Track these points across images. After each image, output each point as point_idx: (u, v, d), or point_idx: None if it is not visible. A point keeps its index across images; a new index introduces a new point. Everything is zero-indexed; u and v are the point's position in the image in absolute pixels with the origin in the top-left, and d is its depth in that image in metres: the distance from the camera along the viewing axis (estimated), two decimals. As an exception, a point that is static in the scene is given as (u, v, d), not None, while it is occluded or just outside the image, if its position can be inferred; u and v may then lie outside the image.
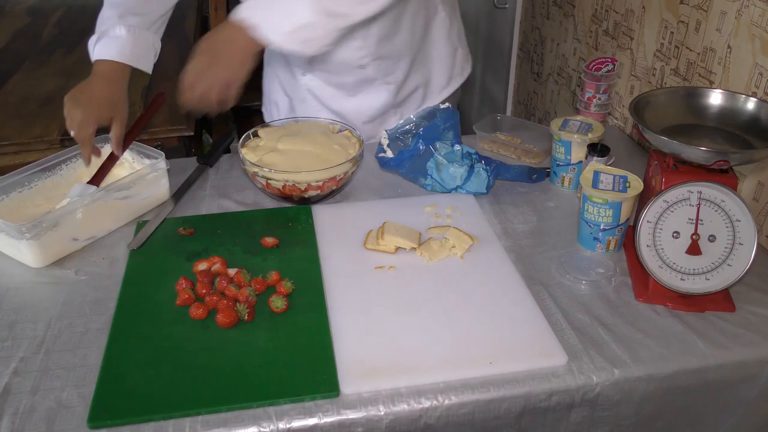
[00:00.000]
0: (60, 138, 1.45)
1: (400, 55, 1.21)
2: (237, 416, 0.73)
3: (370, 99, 1.26)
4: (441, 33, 1.26)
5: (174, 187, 1.13)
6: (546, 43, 1.87)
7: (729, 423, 0.87)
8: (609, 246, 0.99)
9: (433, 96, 1.31)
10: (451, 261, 0.96)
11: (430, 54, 1.27)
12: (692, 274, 0.87)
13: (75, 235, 0.99)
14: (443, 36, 1.26)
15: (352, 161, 1.07)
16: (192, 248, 0.98)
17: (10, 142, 1.42)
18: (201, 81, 0.96)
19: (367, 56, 1.18)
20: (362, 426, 0.74)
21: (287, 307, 0.87)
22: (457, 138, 1.13)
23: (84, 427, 0.72)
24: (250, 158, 1.07)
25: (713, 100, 0.95)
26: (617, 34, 1.45)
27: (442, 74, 1.30)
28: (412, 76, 1.26)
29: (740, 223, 0.85)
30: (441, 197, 1.12)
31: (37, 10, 2.24)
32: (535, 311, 0.86)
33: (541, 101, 1.95)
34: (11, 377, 0.78)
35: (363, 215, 1.06)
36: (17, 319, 0.87)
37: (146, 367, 0.78)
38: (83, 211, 0.98)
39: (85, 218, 0.99)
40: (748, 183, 1.09)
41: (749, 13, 1.04)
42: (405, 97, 1.28)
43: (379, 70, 1.22)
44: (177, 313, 0.86)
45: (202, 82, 0.96)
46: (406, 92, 1.28)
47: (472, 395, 0.76)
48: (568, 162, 1.13)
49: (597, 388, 0.79)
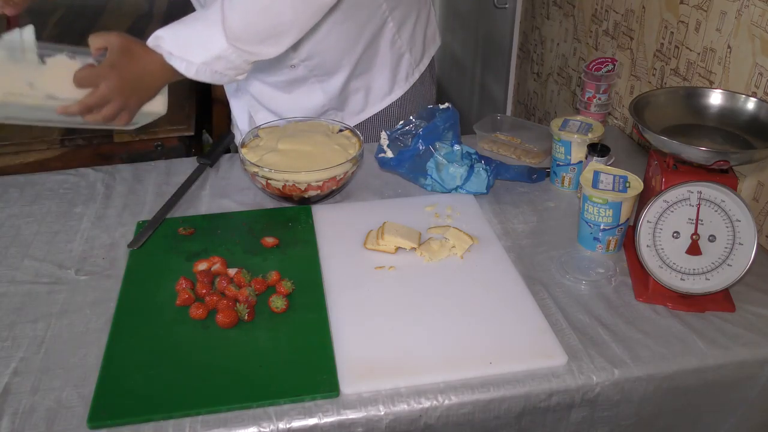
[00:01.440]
0: (60, 138, 1.45)
1: (333, 59, 1.21)
2: (237, 416, 0.73)
3: (306, 97, 1.27)
4: (385, 40, 1.25)
5: (175, 184, 1.13)
6: (546, 43, 1.87)
7: (729, 423, 0.87)
8: (609, 246, 0.99)
9: (376, 101, 1.31)
10: (451, 261, 0.96)
11: (373, 60, 1.26)
12: (692, 274, 0.87)
13: (33, 81, 0.95)
14: (387, 43, 1.25)
15: (352, 161, 1.07)
16: (192, 248, 0.98)
17: (10, 142, 1.42)
18: (110, 104, 0.97)
19: (296, 57, 1.19)
20: (362, 426, 0.74)
21: (287, 307, 0.87)
22: (457, 138, 1.13)
23: (84, 427, 0.72)
24: (250, 158, 1.07)
25: (713, 100, 0.95)
26: (617, 34, 1.46)
27: (384, 81, 1.29)
28: (352, 79, 1.25)
29: (740, 223, 0.85)
30: (441, 197, 1.12)
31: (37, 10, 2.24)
32: (535, 311, 0.86)
33: (541, 101, 1.95)
34: (11, 377, 0.78)
35: (363, 215, 1.06)
36: (17, 319, 0.87)
37: (146, 367, 0.78)
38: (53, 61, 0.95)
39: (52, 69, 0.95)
40: (748, 183, 1.09)
41: (749, 13, 1.04)
42: (345, 99, 1.28)
43: (310, 70, 1.21)
44: (177, 313, 0.86)
45: (111, 105, 0.97)
46: (345, 95, 1.27)
47: (472, 395, 0.76)
48: (568, 162, 1.13)
49: (597, 388, 0.79)
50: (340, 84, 1.24)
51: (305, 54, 1.18)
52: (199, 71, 0.97)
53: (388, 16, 1.23)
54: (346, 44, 1.20)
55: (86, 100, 0.96)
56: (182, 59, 0.96)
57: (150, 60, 0.97)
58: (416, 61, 1.32)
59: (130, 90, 0.97)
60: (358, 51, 1.22)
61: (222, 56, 0.96)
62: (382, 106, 1.31)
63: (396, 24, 1.25)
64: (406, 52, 1.29)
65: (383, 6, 1.21)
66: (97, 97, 0.96)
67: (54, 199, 1.13)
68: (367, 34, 1.21)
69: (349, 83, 1.26)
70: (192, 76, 0.98)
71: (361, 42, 1.21)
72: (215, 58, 0.96)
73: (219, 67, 0.97)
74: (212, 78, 0.99)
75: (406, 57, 1.29)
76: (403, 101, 1.33)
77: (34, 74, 0.95)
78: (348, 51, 1.21)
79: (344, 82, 1.25)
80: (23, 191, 1.15)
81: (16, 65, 0.94)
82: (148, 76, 0.98)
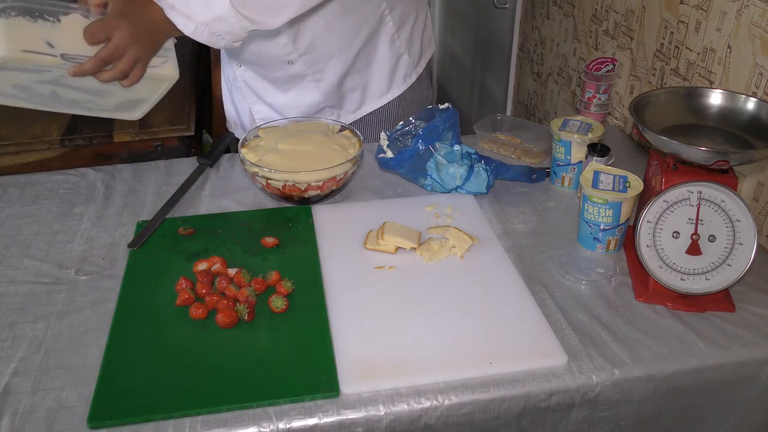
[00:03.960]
0: (60, 138, 1.45)
1: (331, 54, 1.21)
2: (237, 416, 0.73)
3: (302, 95, 1.27)
4: (384, 38, 1.25)
5: (175, 184, 1.13)
6: (546, 43, 1.87)
7: (729, 423, 0.87)
8: (609, 246, 0.99)
9: (372, 100, 1.31)
10: (451, 261, 0.96)
11: (372, 58, 1.26)
12: (692, 274, 0.87)
13: (50, 40, 0.93)
14: (386, 42, 1.26)
15: (352, 161, 1.07)
16: (192, 248, 0.98)
17: (10, 142, 1.43)
18: (125, 56, 0.96)
19: (294, 52, 1.19)
20: (362, 426, 0.74)
21: (287, 307, 0.87)
22: (457, 138, 1.13)
23: (84, 427, 0.72)
24: (250, 158, 1.07)
25: (713, 100, 0.95)
26: (617, 34, 1.46)
27: (382, 79, 1.29)
28: (348, 77, 1.26)
29: (740, 223, 0.85)
30: (441, 197, 1.12)
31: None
32: (535, 311, 0.86)
33: (541, 101, 1.95)
34: (11, 377, 0.78)
35: (363, 215, 1.06)
36: (17, 319, 0.87)
37: (146, 367, 0.78)
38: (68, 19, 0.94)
39: (67, 27, 0.93)
40: (748, 183, 1.09)
41: (749, 13, 1.04)
42: (341, 97, 1.28)
43: (308, 66, 1.22)
44: (177, 313, 0.86)
45: (126, 57, 0.96)
46: (342, 92, 1.28)
47: (472, 395, 0.76)
48: (568, 162, 1.13)
49: (597, 388, 0.79)
50: (337, 80, 1.25)
51: (304, 47, 1.18)
52: (197, 30, 0.97)
53: (388, 14, 1.23)
54: (345, 39, 1.20)
55: (101, 54, 0.94)
56: (182, 14, 0.95)
57: (154, 8, 0.96)
58: (414, 63, 1.33)
59: (143, 38, 0.96)
60: (356, 47, 1.22)
61: (222, 18, 0.95)
62: (378, 105, 1.31)
63: (395, 24, 1.25)
64: (404, 53, 1.29)
65: (383, 4, 1.21)
66: (112, 48, 0.94)
67: (54, 199, 1.13)
68: (365, 30, 1.22)
69: (346, 80, 1.26)
70: (189, 33, 0.97)
71: (359, 38, 1.22)
72: (215, 18, 0.95)
73: (218, 29, 0.97)
74: (209, 39, 0.98)
75: (404, 58, 1.29)
76: (400, 102, 1.33)
77: (51, 32, 0.94)
78: (346, 46, 1.21)
79: (341, 79, 1.25)
80: (23, 191, 1.15)
81: (34, 22, 0.92)
82: (155, 24, 0.97)
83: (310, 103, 1.28)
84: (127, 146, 1.49)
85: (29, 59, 0.93)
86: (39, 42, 0.92)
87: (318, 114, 1.29)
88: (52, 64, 0.94)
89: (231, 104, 1.40)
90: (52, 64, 0.94)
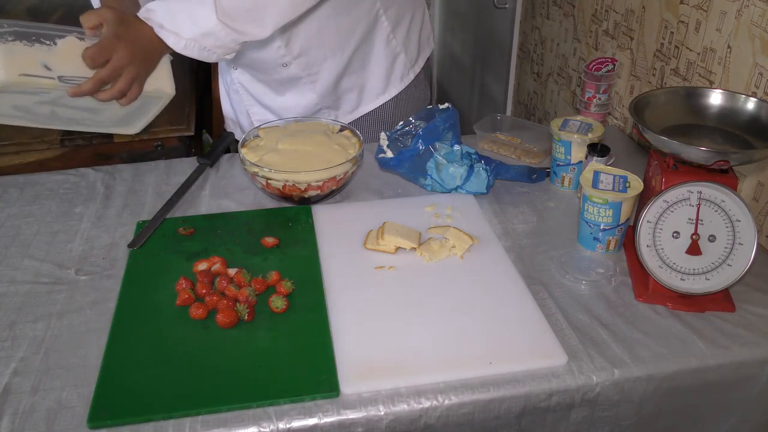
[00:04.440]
0: (60, 138, 1.45)
1: (326, 56, 1.21)
2: (237, 416, 0.73)
3: (298, 97, 1.27)
4: (380, 38, 1.25)
5: (175, 184, 1.13)
6: (546, 43, 1.87)
7: (729, 423, 0.87)
8: (609, 246, 0.99)
9: (369, 100, 1.31)
10: (451, 261, 0.96)
11: (368, 59, 1.26)
12: (692, 274, 0.87)
13: (47, 63, 0.95)
14: (382, 42, 1.26)
15: (352, 161, 1.07)
16: (192, 248, 0.98)
17: (10, 142, 1.42)
18: (123, 76, 0.97)
19: (288, 55, 1.19)
20: (362, 426, 0.74)
21: (287, 307, 0.87)
22: (457, 138, 1.13)
23: (84, 427, 0.72)
24: (250, 158, 1.07)
25: (713, 100, 0.95)
26: (617, 34, 1.46)
27: (378, 80, 1.29)
28: (345, 78, 1.26)
29: (740, 223, 0.85)
30: (441, 197, 1.12)
31: (37, 10, 2.24)
32: (535, 311, 0.86)
33: (541, 101, 1.95)
34: (11, 377, 0.78)
35: (363, 215, 1.06)
36: (17, 319, 0.87)
37: (146, 367, 0.78)
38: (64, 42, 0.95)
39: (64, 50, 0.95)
40: (748, 183, 1.09)
41: (749, 13, 1.04)
42: (338, 98, 1.28)
43: (303, 68, 1.22)
44: (177, 313, 0.86)
45: (124, 77, 0.97)
46: (339, 93, 1.28)
47: (472, 395, 0.76)
48: (568, 162, 1.13)
49: (597, 388, 0.79)
50: (333, 81, 1.25)
51: (298, 50, 1.19)
52: (187, 46, 0.98)
53: (382, 15, 1.23)
54: (339, 40, 1.20)
55: (99, 75, 0.95)
56: (171, 33, 0.97)
57: (147, 28, 0.98)
58: (411, 62, 1.33)
59: (139, 58, 0.98)
60: (351, 48, 1.22)
61: (211, 33, 0.96)
62: (375, 105, 1.31)
63: (391, 24, 1.25)
64: (401, 52, 1.29)
65: (377, 4, 1.21)
66: (110, 69, 0.95)
67: (54, 199, 1.13)
68: (359, 31, 1.22)
69: (342, 81, 1.26)
70: (180, 50, 0.98)
71: (353, 39, 1.22)
72: (204, 34, 0.97)
73: (207, 44, 0.98)
74: (200, 54, 0.99)
75: (401, 57, 1.29)
76: (397, 102, 1.33)
77: (48, 55, 0.95)
78: (340, 47, 1.21)
79: (337, 80, 1.25)
80: (23, 191, 1.15)
81: (31, 46, 0.94)
82: (149, 44, 0.99)
83: (306, 104, 1.28)
84: (127, 146, 1.49)
85: (28, 83, 0.94)
86: (36, 65, 0.94)
87: (315, 115, 1.29)
88: (50, 86, 0.96)
89: (229, 106, 1.41)
90: (50, 86, 0.96)
